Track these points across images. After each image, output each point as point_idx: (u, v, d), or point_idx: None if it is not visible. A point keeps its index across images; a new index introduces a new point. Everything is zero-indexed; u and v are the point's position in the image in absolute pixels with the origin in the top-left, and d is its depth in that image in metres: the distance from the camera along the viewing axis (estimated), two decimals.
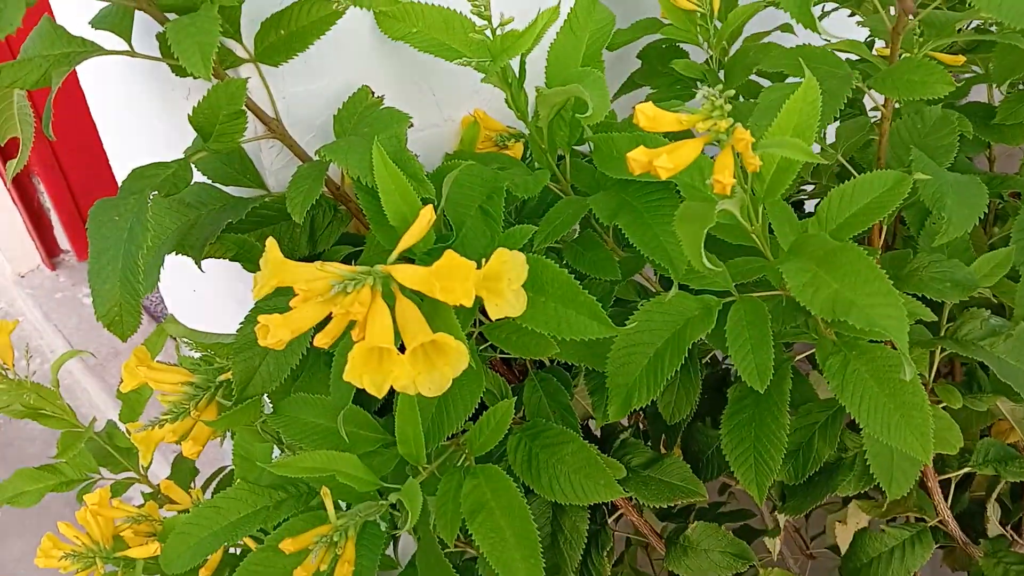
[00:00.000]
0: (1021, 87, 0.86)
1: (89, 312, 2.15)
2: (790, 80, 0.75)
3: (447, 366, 0.50)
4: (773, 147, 0.49)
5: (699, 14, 0.92)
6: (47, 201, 2.17)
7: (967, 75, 0.90)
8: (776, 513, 0.85)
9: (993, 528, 0.97)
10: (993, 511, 0.97)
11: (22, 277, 2.25)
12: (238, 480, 0.80)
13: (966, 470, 0.81)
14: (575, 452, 0.65)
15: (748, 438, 0.69)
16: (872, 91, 0.67)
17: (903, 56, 0.66)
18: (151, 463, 0.83)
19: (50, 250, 2.24)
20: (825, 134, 0.80)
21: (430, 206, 0.56)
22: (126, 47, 0.59)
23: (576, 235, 0.72)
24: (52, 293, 2.20)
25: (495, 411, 0.61)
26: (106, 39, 0.60)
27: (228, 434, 0.76)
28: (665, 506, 0.78)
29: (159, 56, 0.60)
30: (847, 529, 0.92)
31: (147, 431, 0.63)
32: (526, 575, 0.55)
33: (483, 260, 0.57)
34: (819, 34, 0.55)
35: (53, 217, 2.19)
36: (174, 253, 0.63)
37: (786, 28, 0.99)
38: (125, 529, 0.90)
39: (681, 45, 0.98)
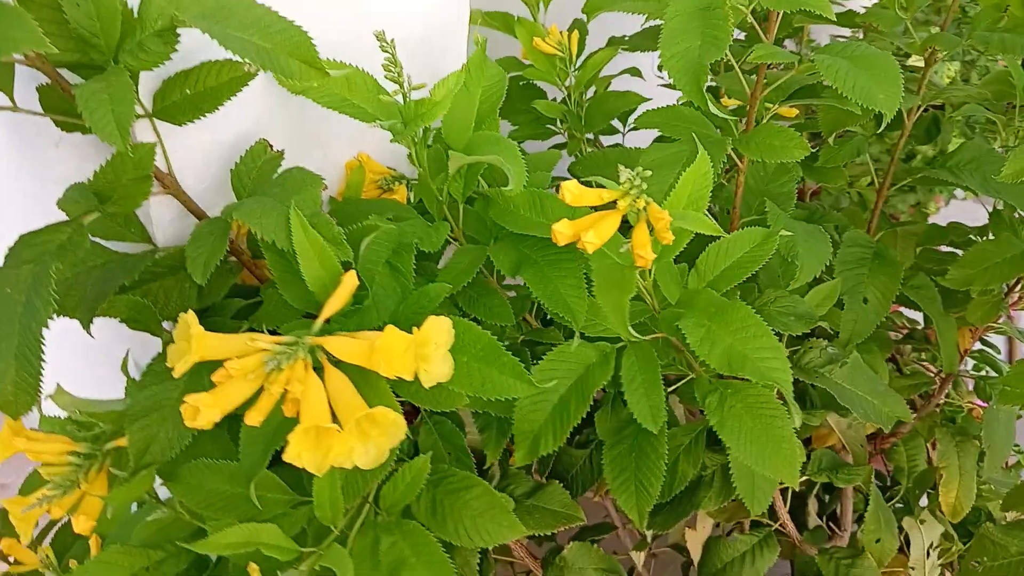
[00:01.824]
0: (840, 137, 0.98)
1: None
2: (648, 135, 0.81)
3: (383, 436, 0.51)
4: (685, 223, 0.54)
5: (559, 57, 0.97)
6: None
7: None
8: (647, 529, 0.92)
9: (812, 521, 1.10)
10: (812, 506, 1.11)
11: None
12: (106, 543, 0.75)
13: (804, 478, 0.92)
14: (479, 496, 0.67)
15: (629, 467, 0.75)
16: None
17: (761, 121, 0.74)
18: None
19: None
20: None
21: (353, 272, 0.56)
22: (7, 102, 0.55)
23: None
24: None
25: (410, 467, 0.62)
26: None
27: None
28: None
29: (40, 111, 0.56)
30: (696, 534, 1.01)
31: (31, 511, 0.59)
32: None
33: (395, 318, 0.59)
34: (707, 110, 0.61)
35: None
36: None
37: (634, 72, 1.06)
38: None
39: (539, 84, 1.03)
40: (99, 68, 0.52)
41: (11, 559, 0.96)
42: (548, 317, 0.88)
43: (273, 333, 0.61)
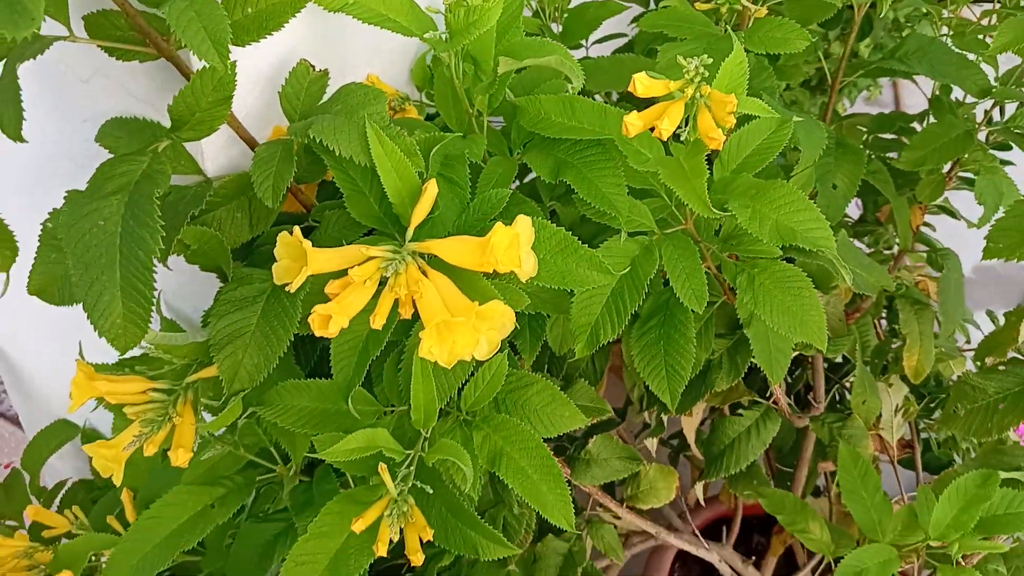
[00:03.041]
0: None
1: None
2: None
3: (493, 329, 0.54)
4: (744, 107, 0.58)
5: None
6: None
7: None
8: (664, 415, 0.99)
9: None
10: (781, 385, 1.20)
11: None
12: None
13: (795, 353, 1.00)
14: (539, 391, 0.71)
15: (659, 355, 0.80)
16: None
17: (757, 16, 0.78)
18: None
19: None
20: None
21: (434, 181, 0.58)
22: (65, 31, 0.53)
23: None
24: None
25: (489, 366, 0.65)
26: None
27: None
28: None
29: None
30: (691, 420, 1.09)
31: (126, 450, 0.59)
32: (555, 503, 0.61)
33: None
34: (726, 5, 0.65)
35: None
36: None
37: None
38: (8, 568, 0.81)
39: None
40: None
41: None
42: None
43: None
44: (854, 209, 1.28)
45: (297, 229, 0.52)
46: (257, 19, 0.55)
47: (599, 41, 1.12)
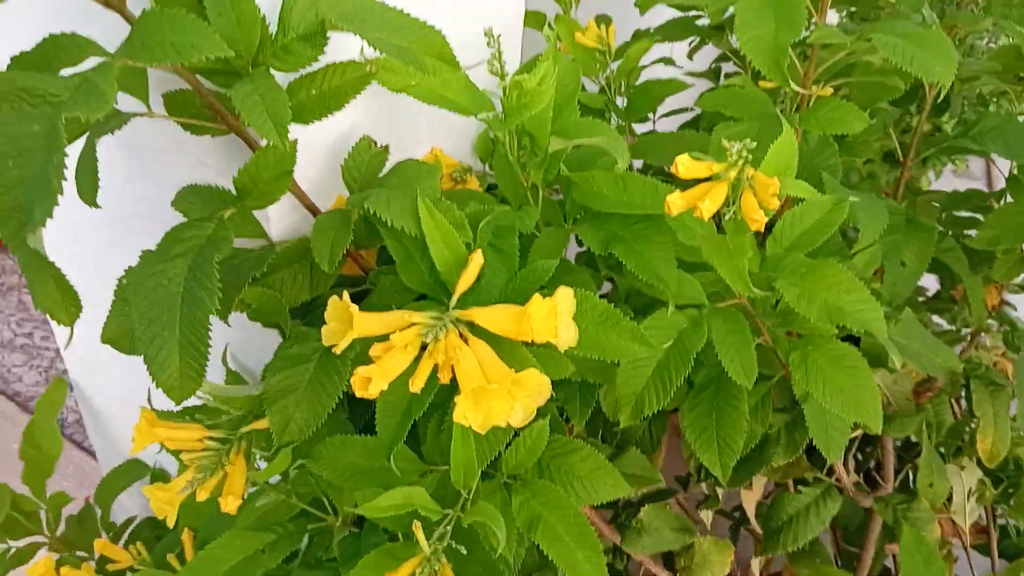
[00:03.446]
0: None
1: None
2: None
3: (529, 397, 0.55)
4: (789, 190, 0.59)
5: (599, 51, 1.02)
6: None
7: None
8: (717, 487, 0.97)
9: (852, 476, 1.16)
10: (851, 463, 1.16)
11: None
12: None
13: (857, 432, 0.97)
14: (584, 459, 0.71)
15: (711, 427, 0.79)
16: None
17: (822, 95, 0.79)
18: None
19: None
20: None
21: (480, 251, 0.60)
22: (143, 108, 0.58)
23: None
24: None
25: (530, 431, 0.66)
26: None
27: None
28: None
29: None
30: (751, 494, 1.07)
31: (180, 494, 0.62)
32: (589, 572, 0.61)
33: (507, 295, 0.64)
34: (789, 89, 0.66)
35: None
36: None
37: (668, 61, 1.12)
38: None
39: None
40: (235, 73, 0.56)
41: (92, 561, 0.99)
42: (618, 296, 0.93)
43: None
44: (934, 284, 1.25)
45: (346, 293, 0.55)
46: (320, 100, 0.60)
47: (667, 115, 1.14)
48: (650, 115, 1.13)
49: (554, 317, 0.54)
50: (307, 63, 0.56)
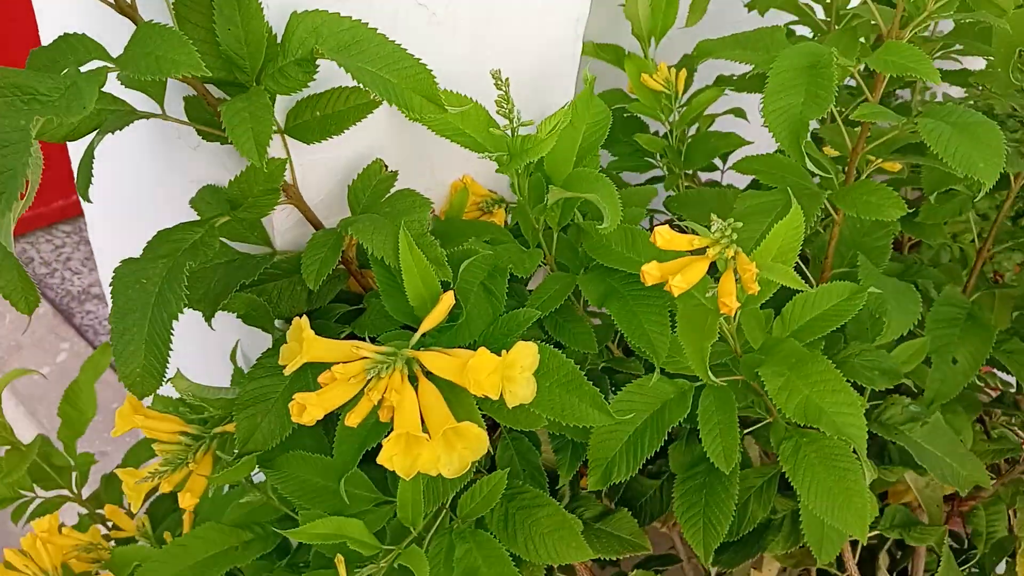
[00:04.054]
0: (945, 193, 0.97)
1: None
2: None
3: (467, 449, 0.55)
4: (770, 275, 0.56)
5: (664, 94, 0.99)
6: None
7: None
8: (712, 566, 0.93)
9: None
10: (883, 561, 1.09)
11: None
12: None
13: (875, 533, 0.91)
14: (550, 515, 0.70)
15: (699, 503, 0.76)
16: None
17: (862, 173, 0.74)
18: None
19: None
20: None
21: (451, 293, 0.60)
22: (158, 110, 0.61)
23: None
24: None
25: (487, 481, 0.65)
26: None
27: None
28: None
29: (186, 120, 0.62)
30: None
31: (143, 483, 0.65)
32: None
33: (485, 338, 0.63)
34: (804, 166, 0.63)
35: None
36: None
37: (739, 113, 1.08)
38: (71, 556, 0.89)
39: (641, 117, 1.05)
40: (242, 87, 0.57)
41: (110, 524, 1.04)
42: (630, 347, 0.90)
43: (373, 340, 0.66)
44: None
45: (306, 317, 0.56)
46: (322, 122, 0.61)
47: (733, 167, 1.10)
48: (720, 166, 1.10)
49: (499, 373, 0.53)
50: (300, 87, 0.57)
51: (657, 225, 0.61)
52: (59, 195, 2.20)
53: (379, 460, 0.52)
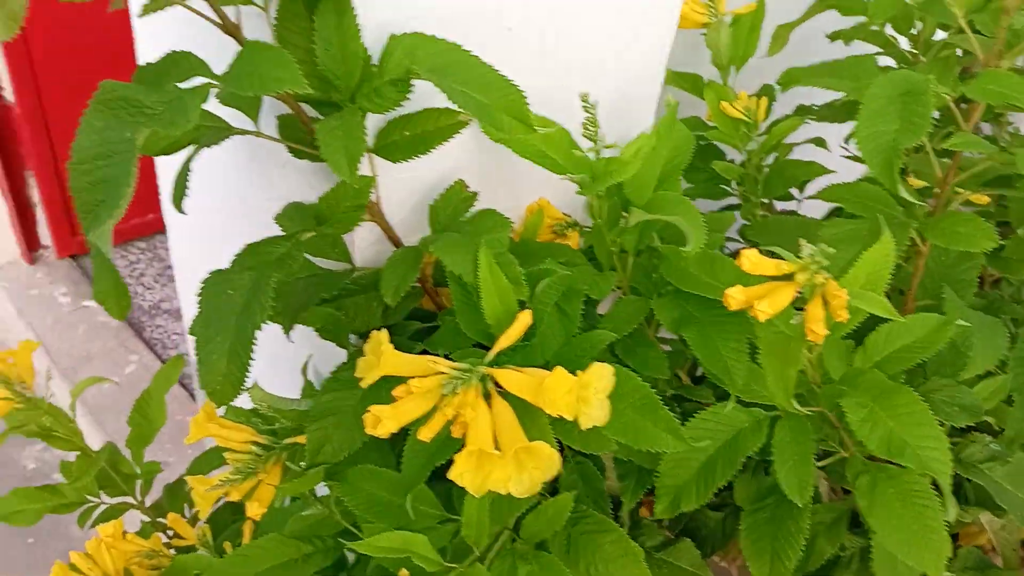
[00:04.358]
0: None
1: (65, 311, 2.13)
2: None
3: (538, 470, 0.54)
4: (862, 303, 0.54)
5: (744, 122, 0.98)
6: (35, 196, 2.14)
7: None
8: None
9: None
10: None
11: None
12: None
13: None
14: (614, 542, 0.69)
15: (767, 536, 0.74)
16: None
17: (949, 205, 0.73)
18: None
19: (30, 243, 2.21)
20: None
21: (528, 312, 0.60)
22: (253, 127, 0.63)
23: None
24: (27, 288, 2.17)
25: (555, 503, 0.65)
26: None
27: None
28: None
29: (278, 137, 0.64)
30: None
31: (213, 491, 0.66)
32: None
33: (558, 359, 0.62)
34: (898, 193, 0.61)
35: (39, 213, 2.16)
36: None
37: (819, 142, 1.06)
38: (133, 562, 0.91)
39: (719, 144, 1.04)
40: (336, 106, 0.59)
41: (171, 532, 1.06)
42: (700, 374, 0.89)
43: (446, 357, 0.66)
44: None
45: (385, 331, 0.57)
46: (411, 142, 0.62)
47: (814, 196, 1.09)
48: (797, 195, 1.08)
49: (574, 394, 0.53)
50: (394, 106, 0.58)
51: (734, 251, 0.60)
52: (135, 213, 2.28)
53: (450, 476, 0.52)
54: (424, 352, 0.73)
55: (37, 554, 1.74)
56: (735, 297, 0.55)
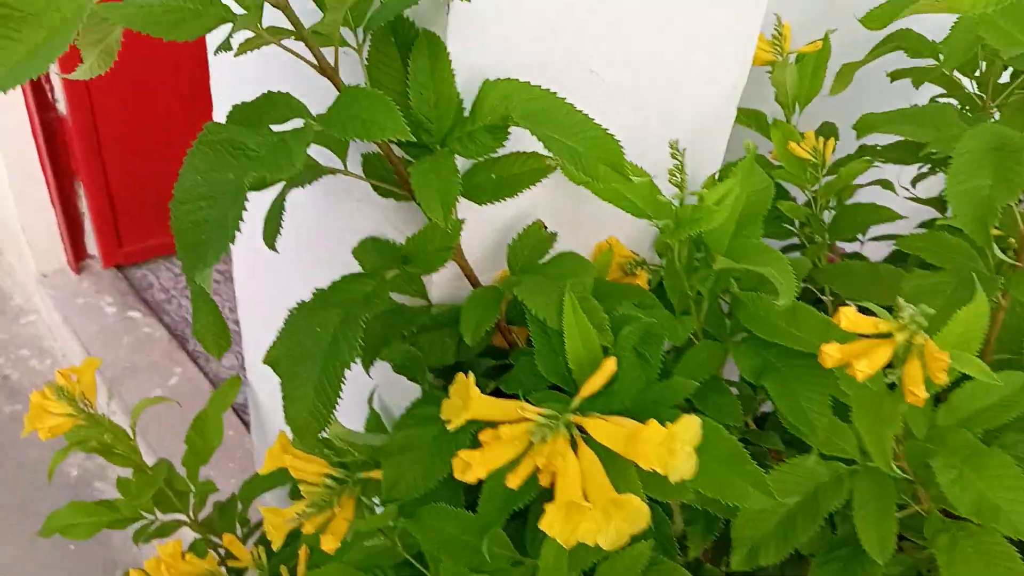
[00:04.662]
0: None
1: (110, 321, 2.15)
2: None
3: (626, 522, 0.54)
4: (960, 366, 0.53)
5: (811, 163, 0.98)
6: (84, 206, 2.17)
7: None
8: None
9: None
10: None
11: (45, 277, 2.24)
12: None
13: None
14: None
15: None
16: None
17: None
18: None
19: (78, 253, 2.24)
20: None
21: (613, 360, 0.60)
22: (341, 165, 0.63)
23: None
24: (74, 297, 2.20)
25: (631, 551, 0.64)
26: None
27: None
28: None
29: (363, 175, 0.64)
30: None
31: (288, 523, 0.66)
32: None
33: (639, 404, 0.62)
34: (992, 251, 0.60)
35: (87, 222, 2.20)
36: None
37: (887, 185, 1.05)
38: None
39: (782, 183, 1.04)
40: (425, 148, 0.59)
41: (223, 551, 1.06)
42: (761, 415, 0.88)
43: (524, 399, 0.66)
44: None
45: (471, 374, 0.57)
46: (497, 185, 0.62)
47: (878, 239, 1.08)
48: (859, 236, 1.07)
49: (666, 447, 0.52)
50: (488, 152, 0.58)
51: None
52: None
53: (540, 526, 0.52)
54: (497, 390, 0.73)
55: (78, 558, 1.75)
56: (831, 355, 0.54)
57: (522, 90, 0.56)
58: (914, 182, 1.12)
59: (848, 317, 0.53)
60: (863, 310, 0.55)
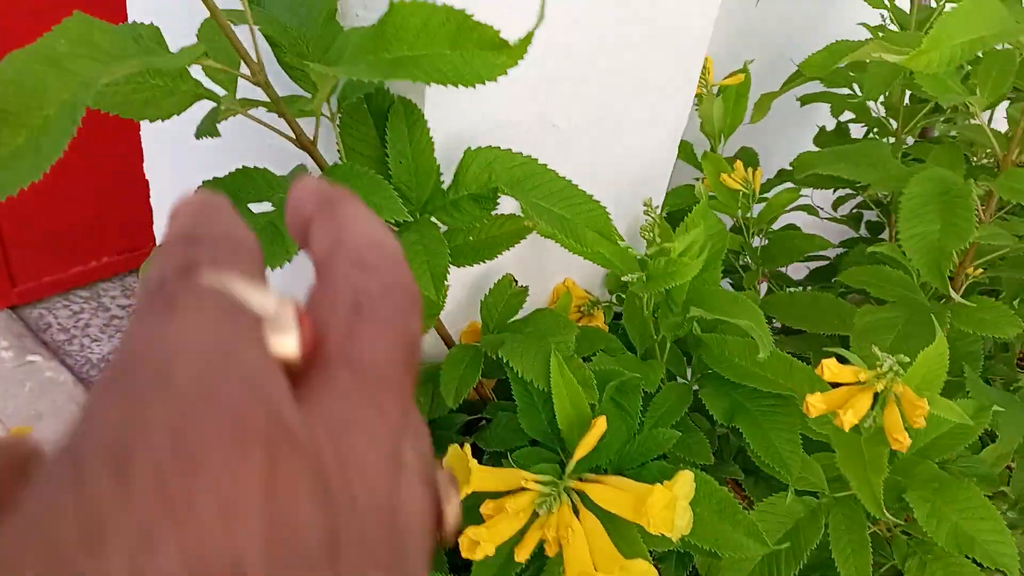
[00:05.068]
0: None
1: (8, 368, 2.02)
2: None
3: None
4: (938, 411, 0.56)
5: (742, 193, 1.01)
6: None
7: None
8: None
9: None
10: None
11: None
12: None
13: None
14: None
15: None
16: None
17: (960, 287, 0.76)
18: None
19: None
20: None
21: (603, 419, 0.60)
22: None
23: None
24: None
25: None
26: None
27: None
28: None
29: None
30: None
31: None
32: None
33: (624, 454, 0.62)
34: (948, 294, 0.64)
35: None
36: None
37: (810, 211, 1.10)
38: None
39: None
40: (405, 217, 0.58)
41: None
42: (730, 456, 0.90)
43: (501, 455, 0.66)
44: None
45: (468, 447, 0.56)
46: (477, 247, 0.61)
47: (800, 260, 1.12)
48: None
49: (672, 509, 0.53)
50: (475, 222, 0.57)
51: None
52: (77, 261, 2.18)
53: None
54: (474, 446, 0.72)
55: None
56: (816, 406, 0.56)
57: (504, 158, 0.56)
58: (835, 205, 1.18)
59: (831, 369, 0.55)
60: (839, 359, 0.57)
